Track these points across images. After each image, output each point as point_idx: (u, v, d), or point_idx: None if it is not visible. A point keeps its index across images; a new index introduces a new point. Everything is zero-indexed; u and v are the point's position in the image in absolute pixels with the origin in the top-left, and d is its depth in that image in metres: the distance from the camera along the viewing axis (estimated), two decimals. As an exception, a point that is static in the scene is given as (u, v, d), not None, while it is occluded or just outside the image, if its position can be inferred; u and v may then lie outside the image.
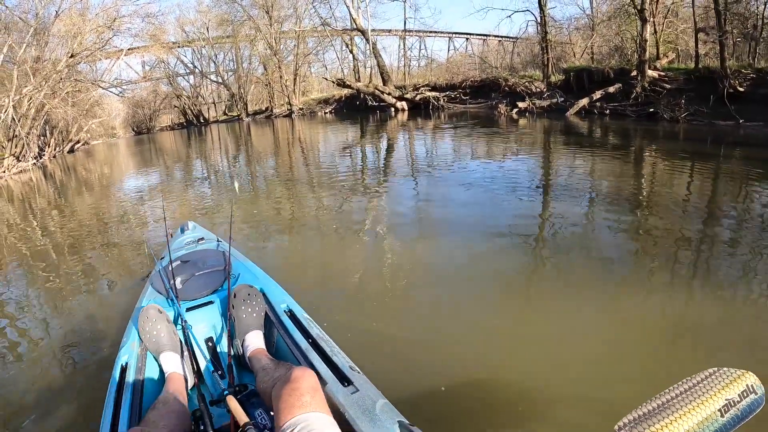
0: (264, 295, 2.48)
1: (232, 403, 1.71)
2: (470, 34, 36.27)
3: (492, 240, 4.72)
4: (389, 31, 33.16)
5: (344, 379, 1.76)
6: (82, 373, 3.03)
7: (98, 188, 11.41)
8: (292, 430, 1.35)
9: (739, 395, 1.15)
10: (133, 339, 2.22)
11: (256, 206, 7.11)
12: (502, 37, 29.73)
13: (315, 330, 2.19)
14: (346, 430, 1.49)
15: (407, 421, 1.53)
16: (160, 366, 2.17)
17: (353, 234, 5.35)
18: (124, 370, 2.04)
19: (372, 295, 3.78)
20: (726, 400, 1.14)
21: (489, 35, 31.93)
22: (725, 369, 1.21)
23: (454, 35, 36.65)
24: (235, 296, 2.35)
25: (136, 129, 39.67)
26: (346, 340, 2.26)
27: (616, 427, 1.10)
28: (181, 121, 38.77)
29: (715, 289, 3.51)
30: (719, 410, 1.13)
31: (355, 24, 26.23)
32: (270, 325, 2.35)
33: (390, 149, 11.95)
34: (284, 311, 2.35)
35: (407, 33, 31.19)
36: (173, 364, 2.14)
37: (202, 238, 3.42)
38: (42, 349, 3.43)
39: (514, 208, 5.81)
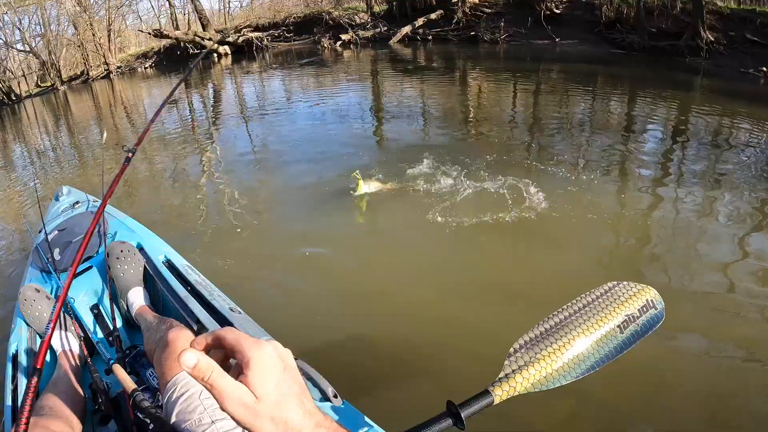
0: (142, 249, 2.37)
1: (119, 371, 1.59)
2: (293, -29, 34.68)
3: (331, 171, 4.60)
4: (204, -29, 30.48)
5: (223, 322, 1.74)
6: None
7: None
8: (174, 389, 1.26)
9: (638, 310, 1.12)
10: (19, 325, 2.11)
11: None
12: (325, -28, 28.65)
13: (193, 276, 2.14)
14: None
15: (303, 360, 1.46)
16: (51, 347, 2.01)
17: (198, 185, 5.06)
18: (15, 359, 1.95)
19: (226, 236, 3.68)
20: (626, 315, 1.10)
21: (311, -29, 30.63)
22: (625, 283, 1.17)
23: (275, -27, 34.81)
24: (108, 256, 2.22)
25: (-65, 120, 33.15)
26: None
27: (511, 349, 1.04)
28: (-10, 103, 33.11)
29: (545, 185, 3.64)
30: (618, 326, 1.08)
31: (164, -36, 23.66)
32: (151, 279, 2.23)
33: (218, 97, 10.90)
34: (163, 263, 2.27)
35: (224, -28, 28.97)
36: (61, 342, 2.01)
37: (77, 202, 3.16)
38: None
39: (348, 137, 5.67)
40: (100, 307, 2.23)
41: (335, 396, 1.32)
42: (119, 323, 2.09)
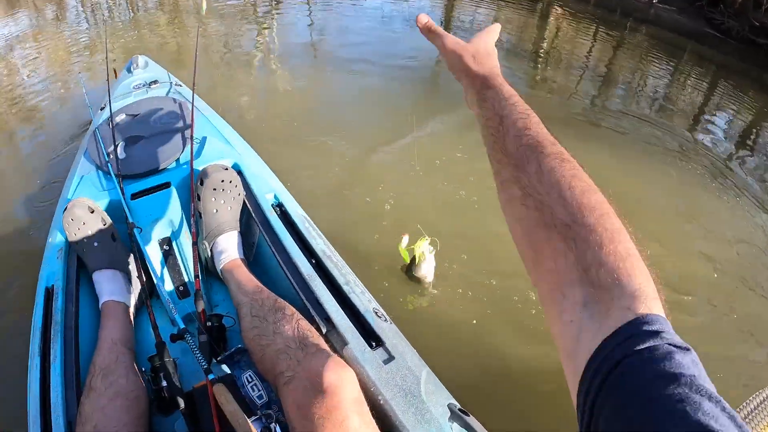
0: (240, 174, 1.79)
1: (222, 395, 1.11)
2: None
3: (389, 76, 4.54)
4: None
5: (371, 336, 1.26)
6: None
7: None
8: None
9: None
10: (59, 245, 1.60)
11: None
12: None
13: (319, 243, 1.57)
14: (375, 408, 1.07)
15: (457, 404, 1.12)
16: (98, 289, 1.54)
17: (247, 65, 4.95)
18: (49, 296, 1.46)
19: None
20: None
21: None
22: None
23: None
24: (202, 182, 1.63)
25: None
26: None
27: None
28: None
29: (600, 147, 3.58)
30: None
31: None
32: (248, 218, 1.73)
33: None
34: (272, 205, 1.70)
35: None
36: (111, 287, 1.51)
37: (156, 81, 2.50)
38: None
39: (411, 47, 5.41)
40: (174, 245, 1.69)
41: None
42: (201, 275, 1.56)
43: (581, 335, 0.47)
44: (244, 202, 1.72)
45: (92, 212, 1.55)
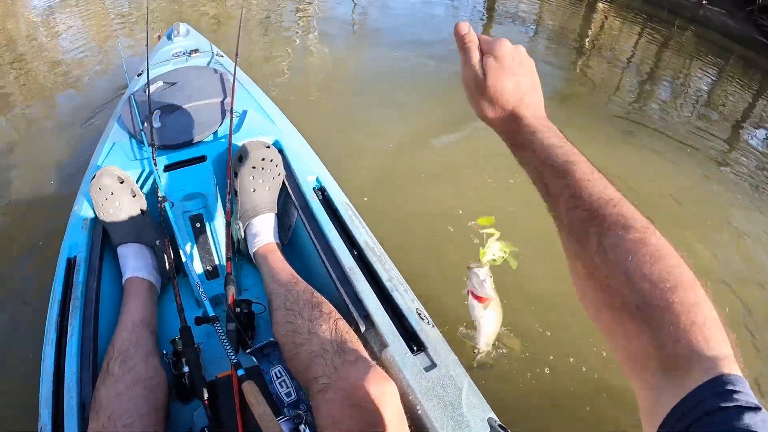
0: (281, 152, 1.70)
1: (251, 392, 1.04)
2: None
3: (425, 59, 4.44)
4: None
5: (413, 339, 1.17)
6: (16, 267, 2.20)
7: None
8: None
9: None
10: (84, 216, 1.53)
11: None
12: None
13: (363, 235, 1.46)
14: (411, 417, 1.01)
15: (497, 419, 1.05)
16: (122, 263, 1.48)
17: (289, 40, 4.91)
18: (71, 266, 1.40)
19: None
20: None
21: None
22: None
23: None
24: (240, 159, 1.54)
25: None
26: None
27: None
28: None
29: (638, 138, 3.62)
30: None
31: None
32: (285, 200, 1.65)
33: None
34: (314, 189, 1.61)
35: None
36: (136, 263, 1.45)
37: (197, 50, 2.43)
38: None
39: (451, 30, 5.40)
40: (206, 223, 1.60)
41: None
42: (233, 258, 1.48)
43: (660, 398, 0.45)
44: (283, 182, 1.64)
45: (122, 182, 1.47)
